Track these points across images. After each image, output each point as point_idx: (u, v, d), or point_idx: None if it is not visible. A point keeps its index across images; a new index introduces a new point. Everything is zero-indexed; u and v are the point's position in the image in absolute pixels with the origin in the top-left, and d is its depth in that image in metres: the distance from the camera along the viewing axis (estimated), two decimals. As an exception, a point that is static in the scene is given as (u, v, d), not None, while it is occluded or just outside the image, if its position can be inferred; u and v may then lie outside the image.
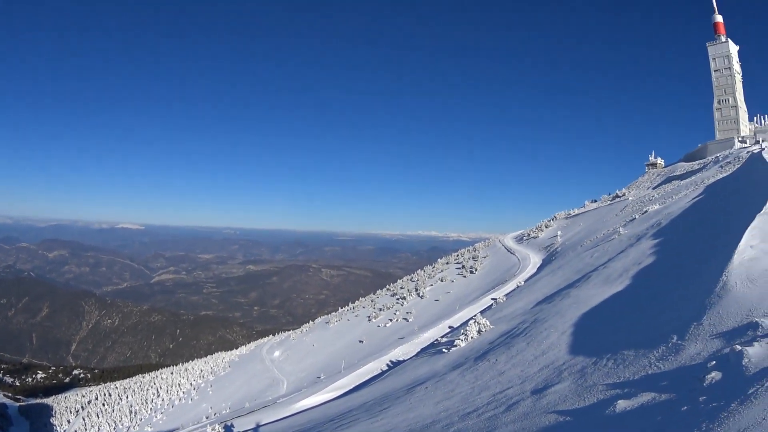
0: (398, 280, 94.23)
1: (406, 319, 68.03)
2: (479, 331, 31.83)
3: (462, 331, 33.58)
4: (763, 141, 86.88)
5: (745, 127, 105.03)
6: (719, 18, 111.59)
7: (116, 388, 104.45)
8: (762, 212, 27.13)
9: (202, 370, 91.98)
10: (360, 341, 66.47)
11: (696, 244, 31.15)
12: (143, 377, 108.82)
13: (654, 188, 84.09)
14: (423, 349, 41.87)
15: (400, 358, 44.66)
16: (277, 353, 78.06)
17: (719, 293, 17.78)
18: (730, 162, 70.23)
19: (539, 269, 62.97)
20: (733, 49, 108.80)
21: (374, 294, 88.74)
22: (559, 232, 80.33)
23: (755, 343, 12.21)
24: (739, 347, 12.40)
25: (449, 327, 50.91)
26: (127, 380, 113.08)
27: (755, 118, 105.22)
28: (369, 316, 74.92)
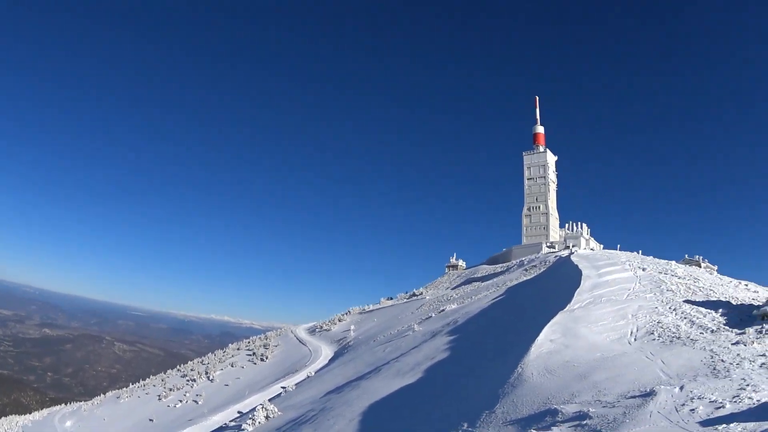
0: (189, 362, 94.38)
1: (195, 401, 68.85)
2: (267, 417, 33.09)
3: (250, 416, 34.54)
4: (573, 246, 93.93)
5: (555, 233, 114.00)
6: (540, 129, 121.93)
7: None
8: (564, 310, 29.02)
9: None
10: (150, 420, 66.35)
11: (493, 340, 33.20)
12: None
13: (453, 288, 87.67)
14: None
15: None
16: (68, 423, 76.17)
17: (514, 383, 19.06)
18: (535, 266, 75.36)
19: (331, 361, 64.47)
20: (551, 159, 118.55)
21: (165, 373, 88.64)
22: (352, 326, 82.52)
23: (553, 428, 13.27)
24: (534, 431, 13.56)
25: (238, 412, 51.43)
26: None
27: (567, 225, 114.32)
28: (159, 395, 74.59)
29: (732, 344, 20.27)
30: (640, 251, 70.77)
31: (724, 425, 10.53)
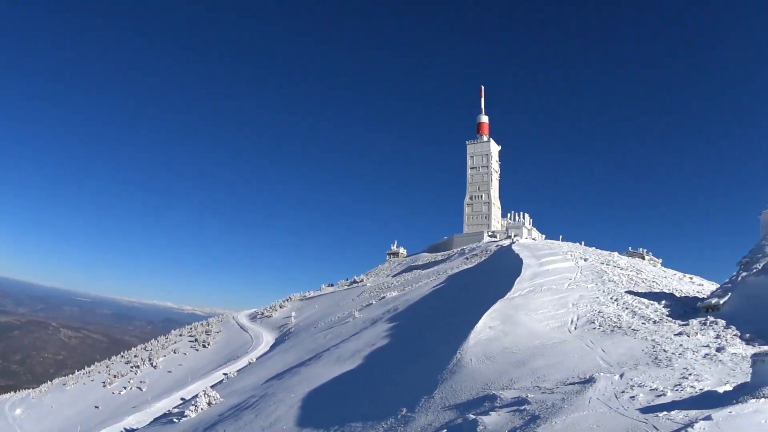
0: (133, 348, 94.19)
1: (140, 388, 69.20)
2: (209, 404, 33.51)
3: (193, 402, 34.97)
4: (515, 236, 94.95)
5: (497, 223, 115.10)
6: (485, 119, 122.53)
7: None
8: (504, 298, 29.09)
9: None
10: (96, 407, 66.38)
11: (433, 327, 33.28)
12: None
13: (394, 276, 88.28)
14: (156, 419, 42.66)
15: (134, 427, 45.52)
16: (18, 411, 75.57)
17: (453, 369, 19.20)
18: (476, 254, 76.15)
19: (272, 347, 64.89)
20: (494, 148, 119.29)
21: (109, 360, 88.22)
22: (293, 313, 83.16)
23: (492, 413, 13.15)
24: (473, 416, 13.40)
25: (181, 398, 51.57)
26: None
27: (509, 215, 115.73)
28: (104, 382, 74.62)
29: (675, 335, 20.49)
30: (583, 242, 71.61)
31: (665, 412, 10.43)
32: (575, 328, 22.83)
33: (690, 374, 13.75)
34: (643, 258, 65.45)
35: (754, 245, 31.17)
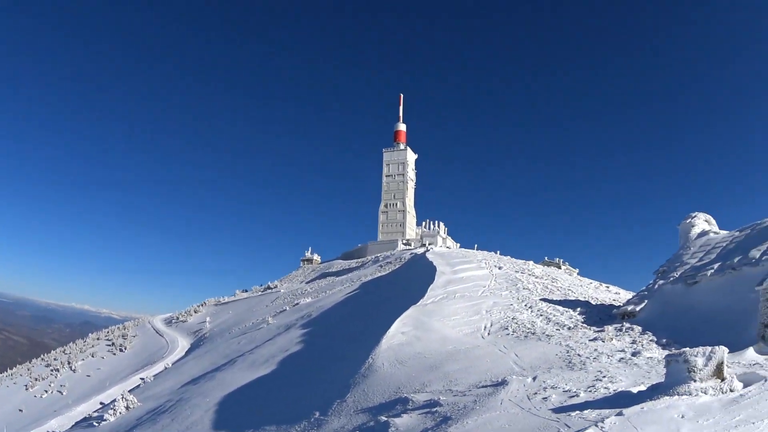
0: (53, 351, 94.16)
1: (60, 391, 69.22)
2: (127, 407, 34.13)
3: (111, 406, 35.50)
4: (429, 244, 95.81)
5: (412, 231, 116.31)
6: (402, 127, 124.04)
7: None
8: (417, 304, 29.29)
9: None
10: (20, 410, 66.24)
11: (346, 332, 33.69)
12: None
13: (307, 282, 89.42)
14: (77, 423, 42.85)
15: (56, 431, 46.32)
16: None
17: (365, 373, 19.37)
18: (390, 262, 77.15)
19: (187, 352, 65.41)
20: (411, 157, 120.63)
21: (30, 362, 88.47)
22: (208, 318, 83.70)
23: (404, 415, 13.30)
24: (384, 419, 13.54)
25: (100, 403, 51.44)
26: None
27: (424, 223, 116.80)
28: (26, 385, 74.57)
29: (590, 340, 20.92)
30: (498, 252, 72.99)
31: (578, 411, 10.52)
32: (488, 334, 23.09)
33: (604, 376, 13.96)
34: (560, 267, 67.15)
35: (672, 255, 32.22)
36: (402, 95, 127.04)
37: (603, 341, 20.65)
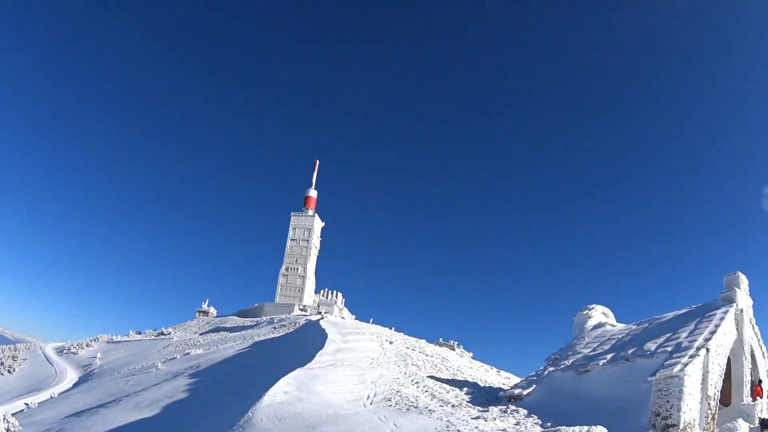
0: None
1: None
2: (8, 430, 33.97)
3: None
4: (325, 312, 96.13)
5: (310, 298, 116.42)
6: (313, 193, 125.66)
7: None
8: (304, 367, 29.40)
9: None
10: None
11: (232, 386, 34.10)
12: None
13: (201, 334, 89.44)
14: None
15: None
16: None
17: (243, 426, 19.54)
18: (285, 325, 77.34)
19: (75, 385, 64.91)
20: (318, 224, 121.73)
21: None
22: (99, 354, 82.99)
23: None
24: None
25: None
26: None
27: (323, 291, 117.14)
28: None
29: (472, 418, 21.21)
30: (393, 328, 73.65)
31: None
32: (371, 404, 23.34)
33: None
34: (453, 349, 68.06)
35: (565, 344, 32.98)
36: (318, 161, 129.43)
37: (485, 420, 20.92)
